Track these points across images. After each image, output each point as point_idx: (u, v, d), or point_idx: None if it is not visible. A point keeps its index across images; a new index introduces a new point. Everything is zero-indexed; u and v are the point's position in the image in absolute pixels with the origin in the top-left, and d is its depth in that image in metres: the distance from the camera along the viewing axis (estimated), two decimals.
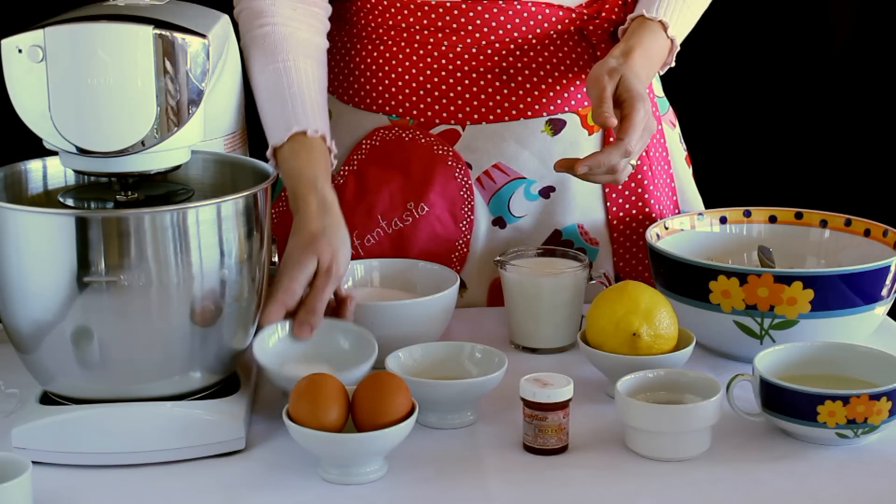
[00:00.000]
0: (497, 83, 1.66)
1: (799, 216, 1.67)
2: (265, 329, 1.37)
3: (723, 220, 1.68)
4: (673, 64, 1.64)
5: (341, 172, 1.70)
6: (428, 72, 1.66)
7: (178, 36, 1.26)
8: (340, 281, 1.42)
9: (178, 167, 1.35)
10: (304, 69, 1.56)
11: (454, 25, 1.64)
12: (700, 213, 1.68)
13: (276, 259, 1.38)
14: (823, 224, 1.65)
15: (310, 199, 1.45)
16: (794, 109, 2.58)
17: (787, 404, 1.30)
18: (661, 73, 1.69)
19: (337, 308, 1.44)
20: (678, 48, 1.62)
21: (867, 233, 1.60)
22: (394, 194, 1.67)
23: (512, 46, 1.64)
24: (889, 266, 1.48)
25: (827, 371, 1.37)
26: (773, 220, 1.68)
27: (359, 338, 1.40)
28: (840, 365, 1.38)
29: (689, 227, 1.66)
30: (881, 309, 1.50)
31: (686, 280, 1.49)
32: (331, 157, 1.53)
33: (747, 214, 1.68)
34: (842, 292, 1.45)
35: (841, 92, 2.56)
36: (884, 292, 1.49)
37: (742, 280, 1.44)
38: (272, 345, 1.37)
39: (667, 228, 1.63)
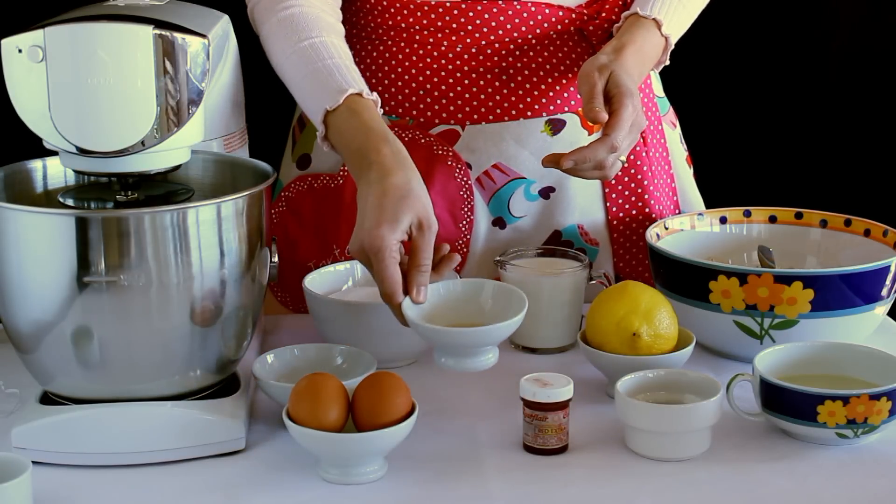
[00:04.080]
0: (497, 83, 1.66)
1: (799, 216, 1.67)
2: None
3: (723, 220, 1.68)
4: (668, 62, 1.63)
5: (340, 173, 1.70)
6: (428, 72, 1.66)
7: (178, 36, 1.26)
8: (435, 233, 1.37)
9: (178, 167, 1.35)
10: (340, 46, 1.52)
11: (454, 25, 1.64)
12: (700, 213, 1.68)
13: (275, 259, 1.38)
14: (823, 224, 1.65)
15: (384, 151, 1.39)
16: (794, 110, 2.58)
17: (786, 404, 1.30)
18: (657, 71, 1.69)
19: (438, 263, 1.38)
20: (673, 46, 1.62)
21: (867, 233, 1.60)
22: None
23: (512, 46, 1.64)
24: (889, 266, 1.48)
25: (827, 371, 1.37)
26: (773, 220, 1.68)
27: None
28: (840, 365, 1.38)
29: (689, 227, 1.66)
30: (881, 309, 1.50)
31: (686, 280, 1.49)
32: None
33: (747, 214, 1.68)
34: (842, 292, 1.45)
35: (841, 92, 2.56)
36: (884, 292, 1.49)
37: (742, 280, 1.44)
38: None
39: (667, 228, 1.63)
